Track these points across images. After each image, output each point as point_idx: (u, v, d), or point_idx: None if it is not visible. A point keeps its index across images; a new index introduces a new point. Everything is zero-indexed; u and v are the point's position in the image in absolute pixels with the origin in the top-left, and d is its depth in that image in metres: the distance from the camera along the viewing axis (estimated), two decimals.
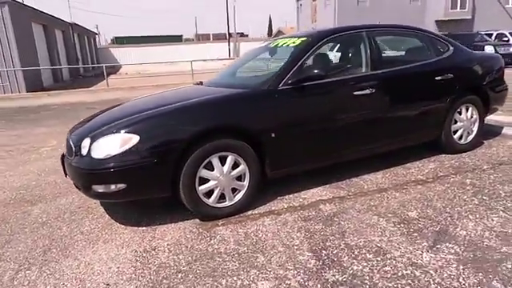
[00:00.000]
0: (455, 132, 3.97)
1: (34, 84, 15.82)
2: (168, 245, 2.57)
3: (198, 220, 2.90)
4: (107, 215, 3.10)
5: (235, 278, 2.15)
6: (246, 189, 2.95)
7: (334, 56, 4.15)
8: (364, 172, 3.65)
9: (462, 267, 2.11)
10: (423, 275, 2.06)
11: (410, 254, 2.26)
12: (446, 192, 3.11)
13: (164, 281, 2.17)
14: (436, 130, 3.83)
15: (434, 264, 2.15)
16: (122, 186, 2.59)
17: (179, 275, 2.22)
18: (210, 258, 2.38)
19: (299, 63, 3.13)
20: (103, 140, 2.62)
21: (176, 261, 2.37)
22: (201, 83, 3.94)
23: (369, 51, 3.44)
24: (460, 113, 3.93)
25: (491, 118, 5.15)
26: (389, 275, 2.08)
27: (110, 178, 2.58)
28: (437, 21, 25.93)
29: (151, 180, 2.66)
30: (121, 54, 34.59)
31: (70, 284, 2.19)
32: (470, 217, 2.66)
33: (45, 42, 19.24)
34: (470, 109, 3.99)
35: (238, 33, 69.84)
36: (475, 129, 4.08)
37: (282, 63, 3.19)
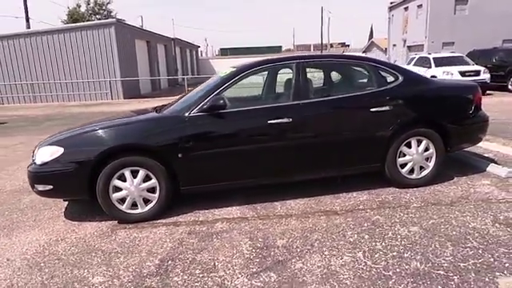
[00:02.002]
0: (404, 165, 3.77)
1: (132, 92, 18.54)
2: (75, 238, 3.20)
3: (115, 222, 3.47)
4: (63, 208, 3.89)
5: (85, 271, 2.65)
6: (156, 200, 3.43)
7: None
8: (292, 196, 3.76)
9: None
10: None
11: (230, 276, 2.46)
12: (339, 226, 3.08)
13: (41, 264, 2.80)
14: (375, 162, 3.71)
15: None
16: (50, 187, 3.32)
17: (55, 262, 2.81)
18: (89, 252, 2.93)
19: (215, 92, 3.47)
20: (41, 149, 3.40)
21: (66, 250, 2.98)
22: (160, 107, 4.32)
23: (293, 82, 3.57)
24: (409, 146, 3.73)
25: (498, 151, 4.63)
26: None
27: (43, 179, 3.34)
28: None
29: (70, 185, 3.33)
30: (220, 64, 37.66)
31: None
32: (326, 253, 2.68)
33: (147, 55, 22.34)
34: (424, 142, 3.74)
35: (339, 43, 69.44)
36: (432, 163, 3.79)
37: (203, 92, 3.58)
